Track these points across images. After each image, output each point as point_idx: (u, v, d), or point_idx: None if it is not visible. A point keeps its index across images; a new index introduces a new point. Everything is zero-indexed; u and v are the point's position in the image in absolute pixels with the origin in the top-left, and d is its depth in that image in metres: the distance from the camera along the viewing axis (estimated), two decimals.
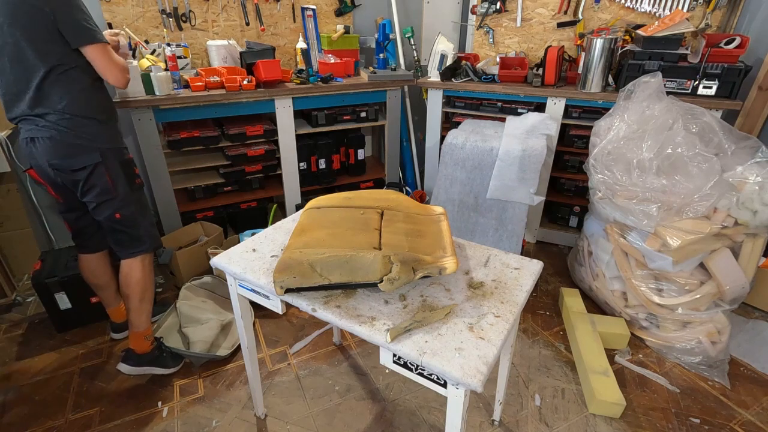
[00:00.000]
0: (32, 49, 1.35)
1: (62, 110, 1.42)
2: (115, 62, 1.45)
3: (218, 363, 1.84)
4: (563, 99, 2.33)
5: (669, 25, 2.08)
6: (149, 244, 1.69)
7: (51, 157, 1.46)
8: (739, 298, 1.75)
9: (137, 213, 1.63)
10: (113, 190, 1.55)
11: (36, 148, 1.46)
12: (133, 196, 1.61)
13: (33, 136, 1.44)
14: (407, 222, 1.22)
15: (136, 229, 1.64)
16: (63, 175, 1.50)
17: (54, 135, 1.43)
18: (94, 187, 1.52)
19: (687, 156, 1.72)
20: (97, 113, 1.50)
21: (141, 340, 1.72)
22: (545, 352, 1.91)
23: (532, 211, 2.39)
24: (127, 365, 1.73)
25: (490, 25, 2.77)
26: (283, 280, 1.03)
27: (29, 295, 2.24)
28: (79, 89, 1.44)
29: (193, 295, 2.07)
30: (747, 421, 1.59)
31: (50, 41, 1.35)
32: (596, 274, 2.10)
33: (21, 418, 1.60)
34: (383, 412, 1.64)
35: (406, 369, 0.97)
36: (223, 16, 2.55)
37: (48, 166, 1.48)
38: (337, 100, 2.58)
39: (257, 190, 2.66)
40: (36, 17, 1.32)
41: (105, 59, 1.42)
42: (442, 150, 2.22)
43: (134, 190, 1.62)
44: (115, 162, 1.55)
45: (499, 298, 1.08)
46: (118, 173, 1.55)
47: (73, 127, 1.45)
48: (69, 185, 1.53)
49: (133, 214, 1.62)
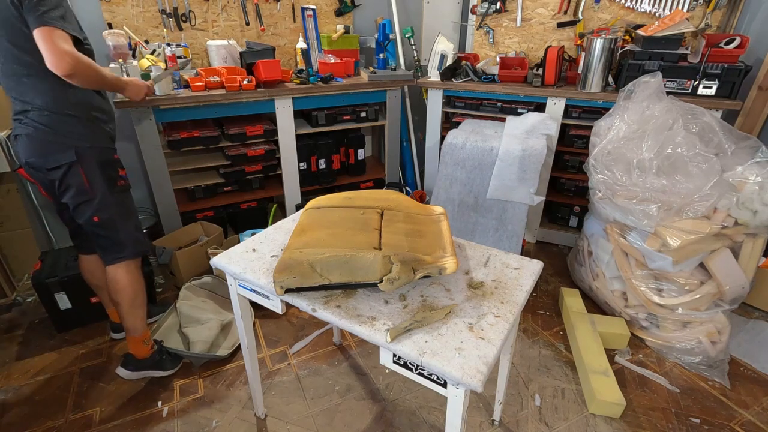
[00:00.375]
0: (15, 47, 1.32)
1: (41, 107, 1.38)
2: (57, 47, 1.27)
3: (218, 363, 1.84)
4: (563, 99, 2.33)
5: (669, 25, 2.08)
6: (132, 249, 1.60)
7: (28, 156, 1.42)
8: (739, 298, 1.75)
9: (117, 216, 1.55)
10: (90, 191, 1.47)
11: (18, 146, 1.43)
12: (113, 198, 1.53)
13: (17, 133, 1.41)
14: (407, 222, 1.22)
15: (116, 234, 1.56)
16: (40, 175, 1.45)
17: (31, 132, 1.39)
18: (70, 187, 1.45)
19: (687, 156, 1.72)
20: (77, 110, 1.43)
21: (139, 344, 1.69)
22: (545, 352, 1.91)
23: (532, 211, 2.39)
24: (126, 370, 1.70)
25: (490, 25, 2.77)
26: (283, 280, 1.03)
27: (29, 295, 2.24)
28: (59, 85, 1.37)
29: (193, 295, 2.07)
30: (747, 421, 1.59)
31: (27, 37, 1.30)
32: (596, 274, 2.10)
33: (21, 417, 1.60)
34: (383, 412, 1.64)
35: (406, 369, 0.97)
36: (223, 16, 2.55)
37: (25, 164, 1.44)
38: (337, 100, 2.58)
39: (257, 190, 2.66)
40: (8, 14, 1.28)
41: (46, 43, 1.26)
42: (442, 150, 2.22)
43: (115, 193, 1.53)
44: (92, 162, 1.46)
45: (499, 298, 1.08)
46: (95, 174, 1.47)
47: (51, 125, 1.39)
48: (48, 185, 1.48)
49: (113, 217, 1.53)
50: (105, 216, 1.52)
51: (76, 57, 1.30)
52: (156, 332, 1.89)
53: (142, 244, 1.66)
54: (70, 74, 1.30)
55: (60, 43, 1.28)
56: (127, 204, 1.61)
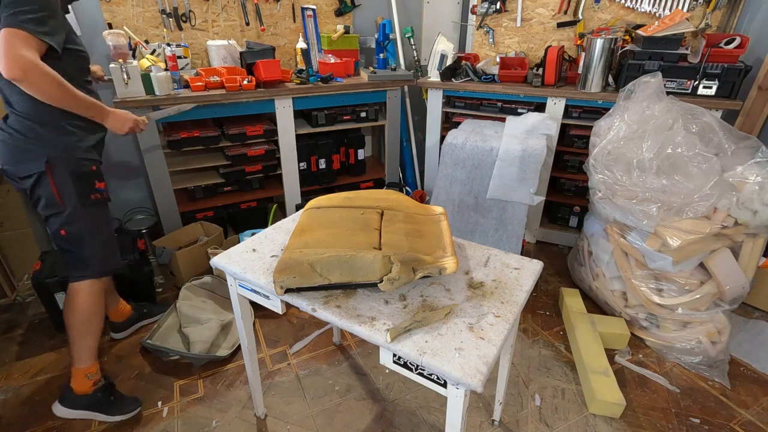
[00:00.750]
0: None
1: (20, 113, 1.33)
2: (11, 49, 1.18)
3: (218, 363, 1.84)
4: (563, 99, 2.33)
5: (669, 25, 2.08)
6: (96, 269, 1.50)
7: (2, 162, 1.37)
8: (739, 298, 1.75)
9: (86, 232, 1.45)
10: (60, 204, 1.39)
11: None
12: (84, 212, 1.43)
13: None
14: (407, 222, 1.22)
15: (81, 250, 1.46)
16: (14, 183, 1.41)
17: (6, 138, 1.35)
18: (40, 198, 1.39)
19: (687, 156, 1.72)
20: (56, 118, 1.35)
21: (81, 378, 1.53)
22: (545, 352, 1.91)
23: (532, 211, 2.39)
24: (61, 406, 1.54)
25: (490, 25, 2.77)
26: (283, 280, 1.03)
27: (29, 295, 2.24)
28: None
29: (193, 295, 2.07)
30: (747, 421, 1.59)
31: None
32: (596, 274, 2.10)
33: (21, 417, 1.60)
34: (383, 412, 1.64)
35: (406, 369, 0.97)
36: (223, 16, 2.55)
37: (2, 170, 1.40)
38: (337, 100, 2.58)
39: (257, 190, 2.66)
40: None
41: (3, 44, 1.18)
42: (442, 150, 2.22)
43: (87, 206, 1.43)
44: (65, 172, 1.37)
45: (499, 298, 1.08)
46: (67, 185, 1.39)
47: (26, 132, 1.33)
48: (22, 193, 1.41)
49: (81, 232, 1.44)
50: (73, 230, 1.43)
51: (31, 63, 1.20)
52: (156, 332, 1.89)
53: (109, 263, 1.56)
54: (18, 79, 1.21)
55: (17, 45, 1.19)
56: (100, 219, 1.50)
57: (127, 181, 2.70)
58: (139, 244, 2.17)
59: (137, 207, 2.74)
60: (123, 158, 2.63)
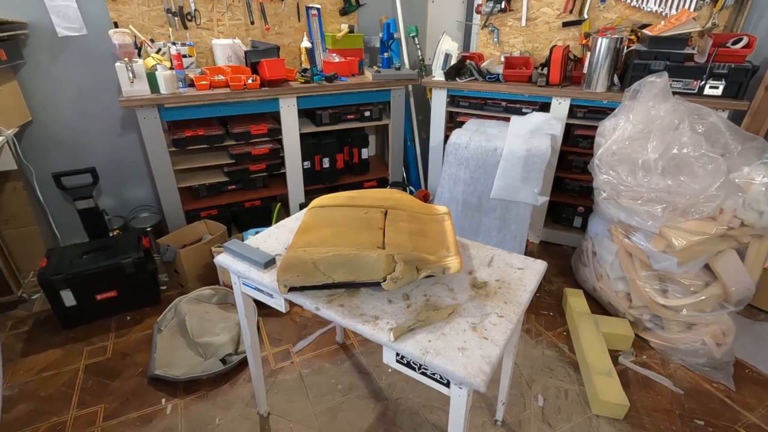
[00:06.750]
0: None
1: None
2: None
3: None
4: (568, 99, 2.32)
5: (675, 24, 2.07)
6: None
7: None
8: (744, 300, 1.74)
9: None
10: None
11: None
12: None
13: None
14: (411, 221, 1.22)
15: None
16: None
17: None
18: None
19: (693, 156, 1.71)
20: None
21: None
22: (548, 353, 1.90)
23: (536, 211, 2.39)
24: None
25: (495, 24, 2.76)
26: (287, 279, 1.04)
27: (35, 292, 2.25)
28: None
29: (194, 308, 2.03)
30: (752, 423, 1.58)
31: None
32: (600, 274, 2.10)
33: (26, 414, 1.61)
34: (386, 411, 1.64)
35: (409, 368, 0.97)
36: (228, 15, 2.56)
37: None
38: (341, 99, 2.58)
39: (261, 189, 2.67)
40: None
41: None
42: (446, 149, 2.21)
43: None
44: None
45: (502, 298, 1.07)
46: None
47: None
48: None
49: None
50: None
51: None
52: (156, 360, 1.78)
53: None
54: None
55: None
56: None
57: (132, 179, 2.71)
58: (143, 242, 2.18)
59: (142, 205, 2.75)
60: (128, 157, 2.64)
